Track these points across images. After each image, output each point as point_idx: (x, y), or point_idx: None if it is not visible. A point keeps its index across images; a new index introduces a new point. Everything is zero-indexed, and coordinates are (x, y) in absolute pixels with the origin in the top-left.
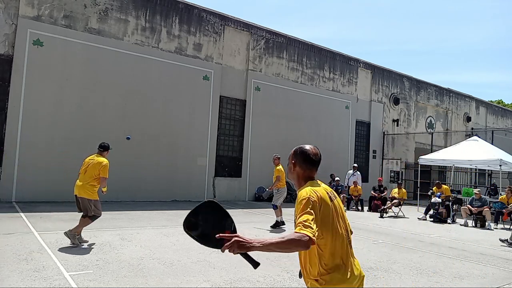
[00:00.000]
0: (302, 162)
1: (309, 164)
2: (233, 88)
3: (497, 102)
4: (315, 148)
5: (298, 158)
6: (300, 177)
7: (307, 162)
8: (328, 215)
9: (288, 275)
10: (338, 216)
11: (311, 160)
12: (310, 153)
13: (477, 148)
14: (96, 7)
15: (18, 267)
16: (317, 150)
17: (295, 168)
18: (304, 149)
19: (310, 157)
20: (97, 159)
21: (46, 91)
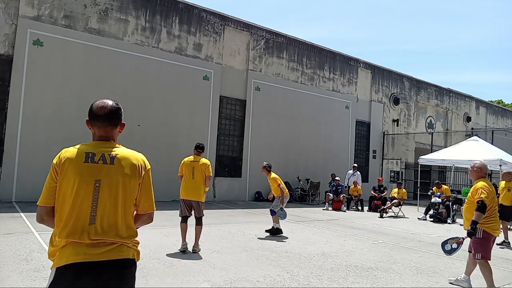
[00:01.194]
0: (90, 118)
1: (94, 120)
2: (233, 88)
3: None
4: (104, 102)
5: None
6: (92, 137)
7: (92, 118)
8: (66, 180)
9: (288, 275)
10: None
11: (95, 115)
12: (94, 108)
13: (477, 148)
14: (96, 7)
15: (18, 267)
16: (105, 103)
17: (88, 127)
18: (91, 105)
19: (93, 111)
20: (201, 160)
21: (46, 91)
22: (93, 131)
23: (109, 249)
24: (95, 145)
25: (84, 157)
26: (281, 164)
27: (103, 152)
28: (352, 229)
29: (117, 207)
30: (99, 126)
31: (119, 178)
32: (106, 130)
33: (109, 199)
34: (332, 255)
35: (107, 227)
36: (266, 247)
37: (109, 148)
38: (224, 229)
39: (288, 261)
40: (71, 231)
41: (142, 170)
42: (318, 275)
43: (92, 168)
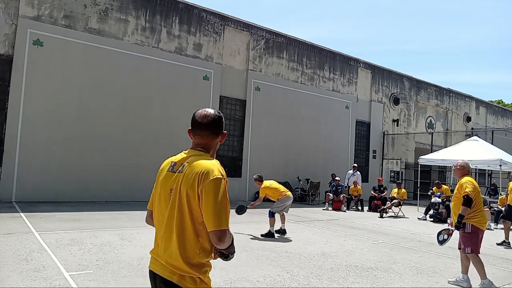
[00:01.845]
0: (191, 126)
1: (194, 128)
2: (233, 88)
3: (497, 102)
4: (206, 110)
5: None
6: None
7: (193, 126)
8: (156, 188)
9: (288, 275)
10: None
11: (195, 123)
12: (195, 116)
13: (477, 148)
14: (96, 7)
15: (18, 267)
16: (207, 112)
17: (190, 136)
18: (194, 114)
19: (195, 120)
20: None
21: (46, 91)
22: (193, 139)
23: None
24: (186, 153)
25: (169, 166)
26: (281, 164)
27: (183, 161)
28: (352, 229)
29: (178, 218)
30: (200, 134)
31: (182, 188)
32: (205, 138)
33: (173, 207)
34: (332, 255)
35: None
36: (266, 247)
37: (191, 156)
38: None
39: (288, 261)
40: (155, 236)
41: (201, 179)
42: (318, 275)
43: (170, 177)
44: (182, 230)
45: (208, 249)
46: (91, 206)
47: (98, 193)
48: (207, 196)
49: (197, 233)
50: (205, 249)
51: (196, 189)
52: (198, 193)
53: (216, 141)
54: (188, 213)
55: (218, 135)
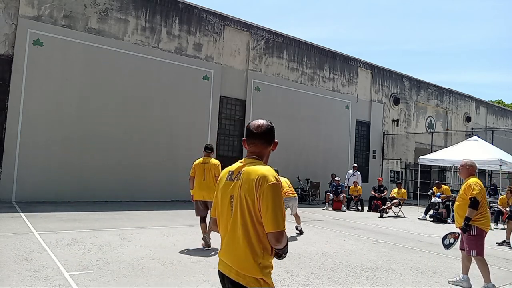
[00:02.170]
0: (246, 136)
1: (248, 137)
2: (233, 88)
3: (497, 102)
4: (259, 121)
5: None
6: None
7: (247, 136)
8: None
9: (288, 275)
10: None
11: (250, 133)
12: (250, 126)
13: (477, 148)
14: (96, 7)
15: (18, 267)
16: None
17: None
18: (248, 124)
19: (249, 130)
20: (211, 161)
21: (46, 91)
22: (248, 148)
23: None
24: (242, 161)
25: (227, 176)
26: (281, 164)
27: (240, 169)
28: (352, 229)
29: (240, 222)
30: (254, 143)
31: (241, 194)
32: (259, 147)
33: (236, 213)
34: (332, 255)
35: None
36: None
37: (247, 164)
38: None
39: (288, 261)
40: (222, 240)
41: (258, 185)
42: (318, 275)
43: (229, 185)
44: (245, 233)
45: (269, 249)
46: (91, 206)
47: (98, 193)
48: (265, 200)
49: (258, 235)
50: (267, 250)
51: (254, 194)
52: (257, 198)
53: (269, 149)
54: (249, 217)
55: (270, 144)
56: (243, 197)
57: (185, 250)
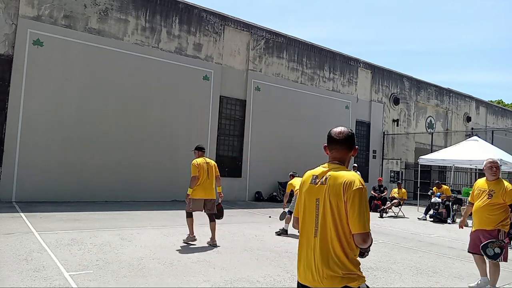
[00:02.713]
0: (327, 143)
1: (331, 143)
2: (233, 88)
3: (497, 102)
4: (341, 128)
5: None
6: (329, 158)
7: (329, 142)
8: (301, 199)
9: (288, 275)
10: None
11: (332, 139)
12: (332, 133)
13: (477, 148)
14: (96, 7)
15: (18, 267)
16: (342, 130)
17: (326, 151)
18: (329, 131)
19: (331, 136)
20: (210, 161)
21: (46, 91)
22: (330, 153)
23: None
24: (325, 166)
25: (311, 179)
26: (281, 164)
27: (324, 174)
28: None
29: (327, 224)
30: (336, 149)
31: (329, 197)
32: (341, 152)
33: (323, 216)
34: None
35: (324, 242)
36: (266, 247)
37: (331, 169)
38: (224, 229)
39: (288, 261)
40: (304, 240)
41: (346, 189)
42: None
43: (313, 188)
44: (337, 234)
45: (355, 248)
46: (91, 206)
47: (98, 193)
48: (353, 204)
49: (346, 236)
50: (353, 249)
51: (342, 197)
52: (344, 201)
53: (350, 155)
54: (338, 218)
55: (351, 150)
56: (332, 200)
57: (185, 250)
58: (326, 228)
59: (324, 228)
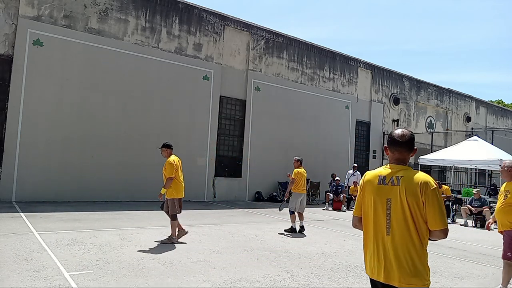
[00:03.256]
0: (389, 144)
1: (393, 145)
2: (233, 88)
3: (497, 102)
4: (403, 130)
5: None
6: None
7: (391, 144)
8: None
9: (288, 275)
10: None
11: (395, 141)
12: (394, 135)
13: (477, 148)
14: (96, 7)
15: (18, 267)
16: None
17: (386, 152)
18: (391, 133)
19: (394, 138)
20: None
21: (46, 91)
22: (391, 155)
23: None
24: (390, 167)
25: (378, 180)
26: (281, 164)
27: (392, 175)
28: (352, 229)
29: (401, 222)
30: (399, 150)
31: (402, 197)
32: (403, 153)
33: (396, 215)
34: (332, 255)
35: (398, 239)
36: (266, 247)
37: (399, 170)
38: (224, 229)
39: (288, 261)
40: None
41: (423, 190)
42: (318, 275)
43: (382, 188)
44: (411, 233)
45: (425, 244)
46: (91, 206)
47: (98, 193)
48: (432, 203)
49: (421, 232)
50: (424, 244)
51: (419, 197)
52: (422, 201)
53: (410, 156)
54: (415, 217)
55: (412, 151)
56: (408, 200)
57: (185, 250)
58: (400, 226)
59: (398, 226)
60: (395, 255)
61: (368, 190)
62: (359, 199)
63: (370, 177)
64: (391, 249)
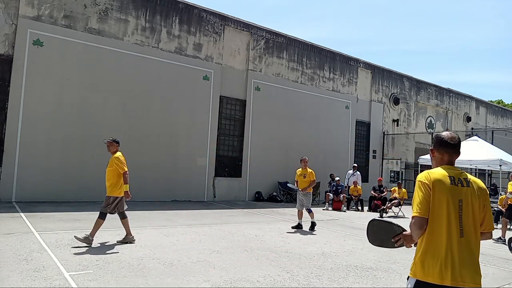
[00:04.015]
0: (438, 146)
1: (444, 147)
2: (233, 88)
3: (497, 102)
4: (451, 133)
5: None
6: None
7: (442, 146)
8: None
9: (288, 275)
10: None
11: (446, 143)
12: (445, 137)
13: (477, 148)
14: (96, 7)
15: (18, 267)
16: (453, 135)
17: (433, 154)
18: (440, 135)
19: (445, 140)
20: None
21: (46, 91)
22: (440, 157)
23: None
24: (453, 168)
25: (449, 180)
26: (281, 164)
27: (459, 176)
28: (352, 229)
29: (471, 224)
30: (450, 153)
31: (473, 199)
32: (454, 157)
33: (467, 216)
34: (332, 255)
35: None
36: (266, 247)
37: (461, 172)
38: (224, 229)
39: (288, 261)
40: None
41: (485, 193)
42: (318, 275)
43: (455, 189)
44: (477, 235)
45: None
46: (91, 206)
47: (98, 193)
48: (490, 207)
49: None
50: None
51: (482, 201)
52: (484, 204)
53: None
54: (479, 220)
55: (459, 153)
56: (478, 203)
57: (185, 250)
58: (472, 228)
59: (470, 228)
60: (470, 256)
61: (440, 190)
62: (428, 198)
63: (439, 176)
64: (466, 253)
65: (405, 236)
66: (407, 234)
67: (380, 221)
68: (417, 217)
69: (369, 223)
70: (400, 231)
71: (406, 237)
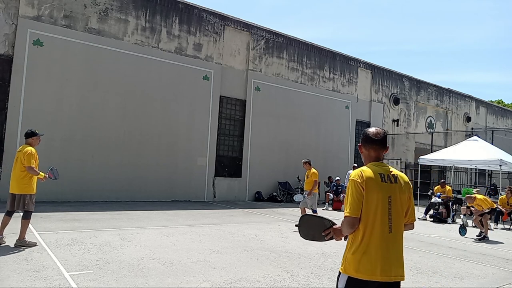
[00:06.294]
0: (365, 143)
1: (370, 143)
2: (233, 88)
3: (497, 102)
4: (376, 129)
5: (361, 140)
6: (366, 158)
7: (368, 142)
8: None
9: (288, 275)
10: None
11: (371, 139)
12: (370, 133)
13: (477, 148)
14: (96, 7)
15: (18, 267)
16: (378, 130)
17: (361, 150)
18: (366, 131)
19: (370, 136)
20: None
21: (46, 91)
22: (367, 153)
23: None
24: (380, 165)
25: (380, 177)
26: (281, 164)
27: (387, 173)
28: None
29: (399, 219)
30: (375, 148)
31: (400, 194)
32: (380, 152)
33: (396, 212)
34: (332, 255)
35: (398, 236)
36: (266, 247)
37: (388, 168)
38: (224, 229)
39: (288, 261)
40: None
41: (409, 186)
42: (318, 275)
43: (385, 186)
44: (403, 227)
45: None
46: (91, 206)
47: (98, 193)
48: (411, 198)
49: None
50: None
51: (407, 194)
52: (408, 197)
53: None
54: (404, 214)
55: (386, 148)
56: (403, 197)
57: (185, 250)
58: (399, 223)
59: (398, 224)
60: (398, 251)
61: (372, 188)
62: (360, 198)
63: (370, 174)
64: (395, 248)
65: (335, 230)
66: (337, 228)
67: (310, 216)
68: (349, 217)
69: (300, 218)
70: (330, 225)
71: (336, 231)
